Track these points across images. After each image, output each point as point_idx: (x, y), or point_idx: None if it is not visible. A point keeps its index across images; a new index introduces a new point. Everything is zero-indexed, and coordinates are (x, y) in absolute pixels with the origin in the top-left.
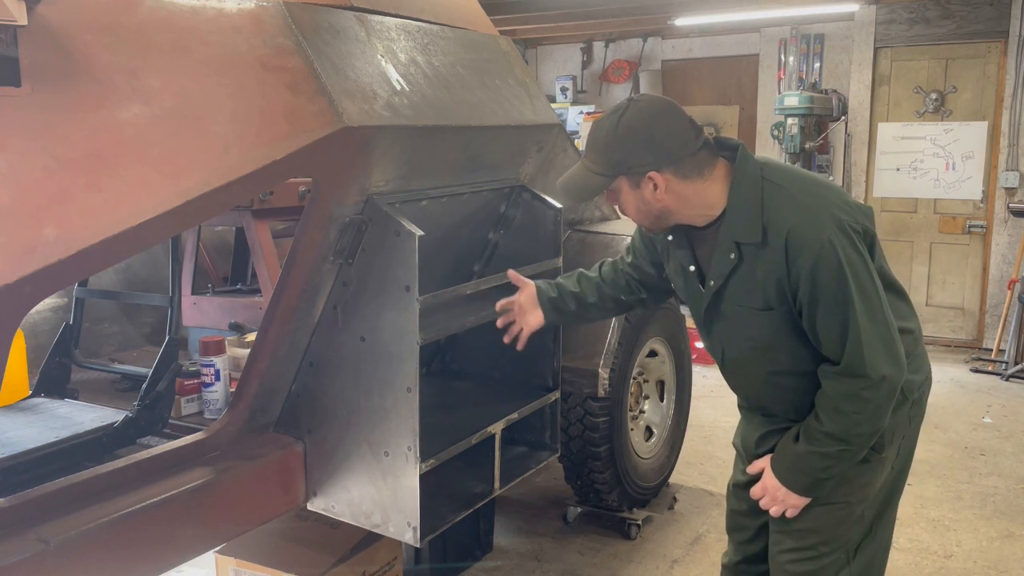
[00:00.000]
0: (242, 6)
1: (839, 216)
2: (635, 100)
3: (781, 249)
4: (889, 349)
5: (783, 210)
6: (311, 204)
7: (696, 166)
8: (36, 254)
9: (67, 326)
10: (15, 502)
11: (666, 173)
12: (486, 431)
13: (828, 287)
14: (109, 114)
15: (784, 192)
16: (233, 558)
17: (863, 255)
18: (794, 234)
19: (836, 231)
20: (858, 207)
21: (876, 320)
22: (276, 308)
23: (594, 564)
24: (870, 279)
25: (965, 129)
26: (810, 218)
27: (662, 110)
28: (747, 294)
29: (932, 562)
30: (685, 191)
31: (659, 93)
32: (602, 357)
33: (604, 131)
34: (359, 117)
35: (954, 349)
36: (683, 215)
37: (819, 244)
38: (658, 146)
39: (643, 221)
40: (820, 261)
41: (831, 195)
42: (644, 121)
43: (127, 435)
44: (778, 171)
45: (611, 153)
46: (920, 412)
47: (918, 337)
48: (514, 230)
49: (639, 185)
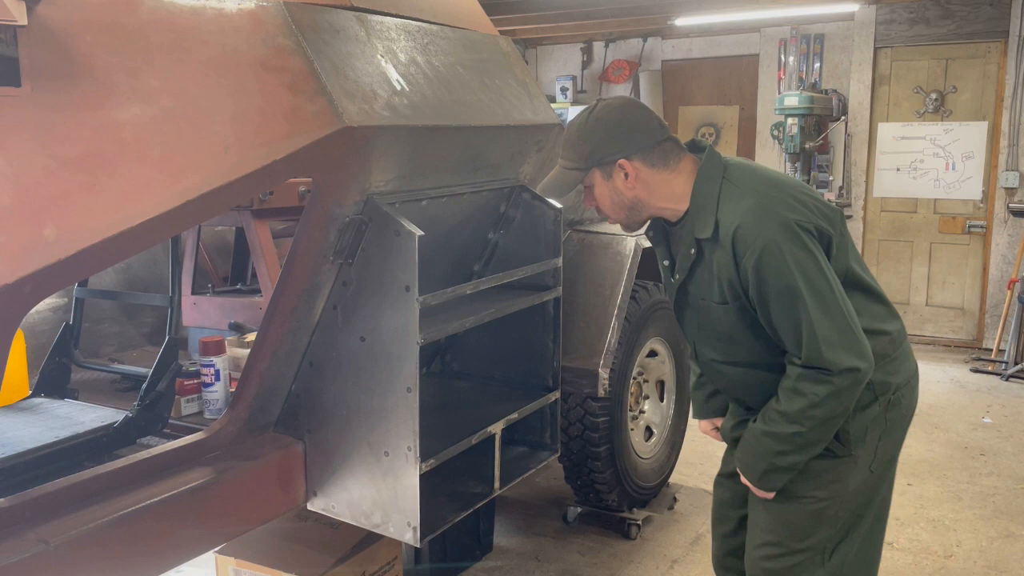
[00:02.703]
0: (242, 6)
1: (786, 215)
2: (602, 99)
3: (729, 247)
4: (848, 341)
5: (732, 209)
6: (311, 204)
7: (663, 156)
8: (36, 254)
9: (67, 326)
10: (15, 502)
11: (635, 160)
12: (486, 431)
13: (774, 284)
14: (109, 114)
15: (737, 191)
16: (233, 558)
17: (812, 252)
18: (739, 232)
19: (781, 229)
20: (815, 207)
21: (831, 314)
22: (276, 308)
23: (594, 564)
24: (820, 275)
25: (965, 129)
26: (755, 217)
27: (628, 104)
28: (707, 288)
29: (932, 562)
30: (653, 180)
31: (659, 93)
32: (602, 357)
33: (575, 128)
34: (359, 117)
35: (954, 349)
36: (653, 207)
37: (762, 242)
38: (625, 135)
39: (618, 214)
40: (764, 259)
41: (785, 195)
42: (611, 114)
43: (127, 435)
44: (739, 171)
45: (582, 146)
46: (899, 416)
47: (897, 339)
48: (514, 230)
49: (611, 175)
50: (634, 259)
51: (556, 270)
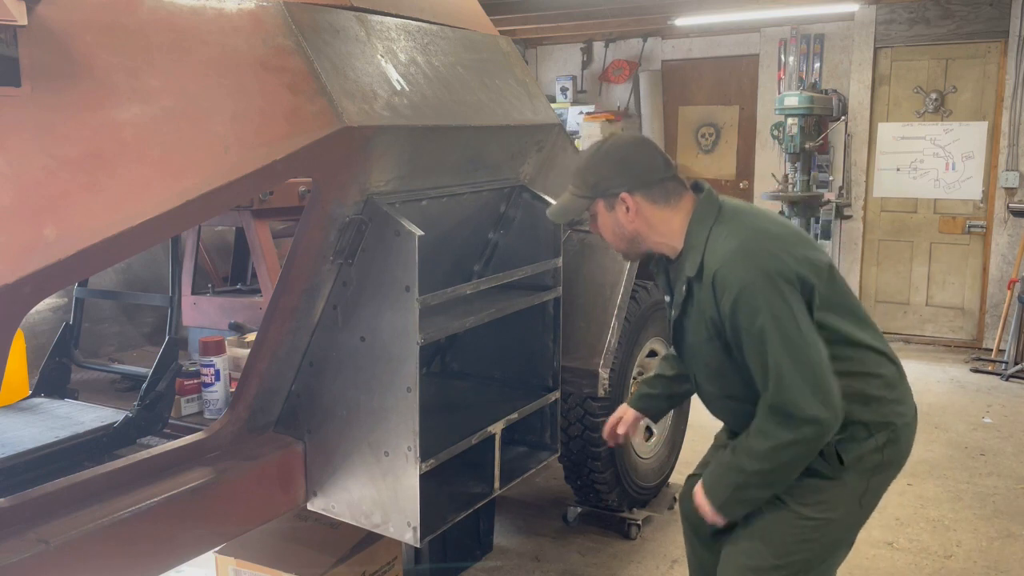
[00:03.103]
0: (242, 6)
1: (766, 263)
2: (614, 134)
3: (710, 287)
4: (813, 390)
5: (717, 252)
6: (311, 204)
7: (664, 193)
8: (36, 254)
9: (67, 326)
10: (15, 502)
11: (637, 195)
12: (486, 431)
13: (747, 326)
14: (109, 114)
15: (724, 234)
16: (233, 558)
17: (786, 299)
18: (719, 275)
19: (759, 276)
20: (801, 257)
21: (799, 361)
22: (276, 308)
23: (594, 564)
24: (792, 322)
25: (965, 129)
26: (736, 262)
27: (636, 141)
28: (696, 325)
29: (932, 562)
30: (653, 216)
31: (659, 93)
32: (602, 357)
33: (585, 158)
34: (359, 117)
35: (954, 349)
36: (652, 241)
37: (738, 287)
38: (630, 170)
39: (619, 245)
40: (739, 300)
41: (769, 244)
42: (619, 149)
43: (127, 435)
44: (733, 215)
45: (589, 176)
46: (895, 455)
47: (892, 381)
48: (514, 230)
49: (614, 207)
50: None
51: (556, 270)
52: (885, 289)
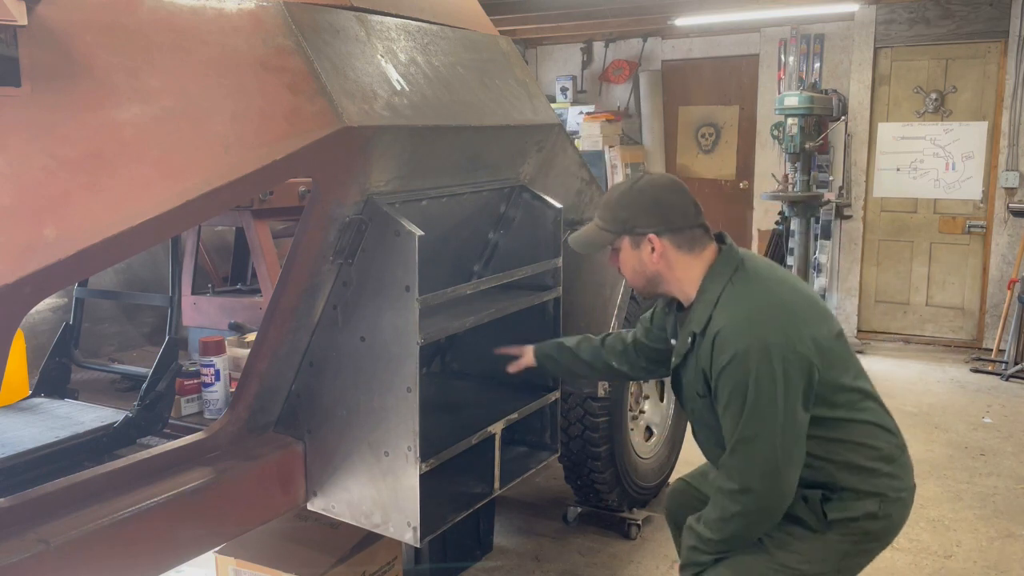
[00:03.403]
0: (242, 6)
1: (769, 337)
2: (649, 174)
3: (710, 343)
4: (765, 468)
5: (725, 312)
6: (311, 204)
7: (690, 241)
8: (36, 254)
9: (67, 326)
10: (15, 502)
11: (664, 238)
12: (486, 431)
13: (731, 391)
14: (109, 114)
15: (736, 296)
16: (233, 558)
17: (776, 378)
18: (721, 335)
19: (757, 346)
20: (809, 337)
21: (762, 438)
22: (276, 308)
23: (594, 564)
24: (774, 401)
25: (965, 129)
26: (740, 327)
27: (671, 184)
28: (693, 377)
29: (932, 562)
30: (676, 261)
31: (659, 93)
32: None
33: (618, 194)
34: (359, 117)
35: (954, 349)
36: (670, 285)
37: (734, 351)
38: (663, 212)
39: (636, 282)
40: (730, 365)
41: (780, 318)
42: (653, 190)
43: (127, 435)
44: (750, 276)
45: (620, 212)
46: (885, 528)
47: (889, 455)
48: (514, 230)
49: (639, 245)
50: None
51: (556, 270)
52: (885, 289)
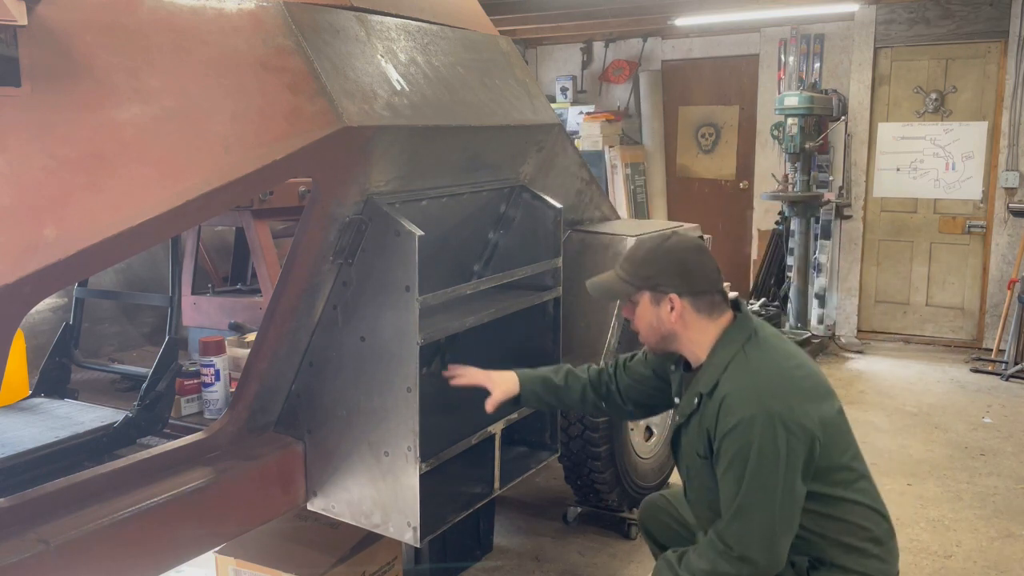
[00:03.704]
0: (242, 6)
1: (775, 408)
2: (678, 233)
3: (716, 408)
4: (763, 537)
5: (734, 378)
6: (311, 204)
7: (709, 305)
8: (36, 254)
9: (67, 326)
10: (15, 502)
11: (685, 299)
12: (486, 431)
13: (733, 456)
14: (109, 114)
15: (747, 366)
16: (233, 558)
17: (779, 449)
18: (728, 400)
19: (763, 415)
20: (814, 413)
21: (762, 506)
22: (276, 308)
23: (594, 564)
24: (775, 471)
25: (965, 129)
26: (748, 395)
27: (697, 248)
28: (695, 438)
29: (932, 562)
30: (693, 323)
31: (659, 93)
32: (602, 357)
33: (645, 249)
34: (359, 117)
35: (954, 349)
36: (683, 345)
37: (740, 417)
38: (687, 275)
39: (650, 338)
40: (735, 430)
41: (788, 391)
42: (681, 251)
43: (127, 435)
44: (761, 347)
45: (644, 268)
46: None
47: (880, 538)
48: (514, 230)
49: (659, 303)
50: None
51: (556, 270)
52: (885, 289)
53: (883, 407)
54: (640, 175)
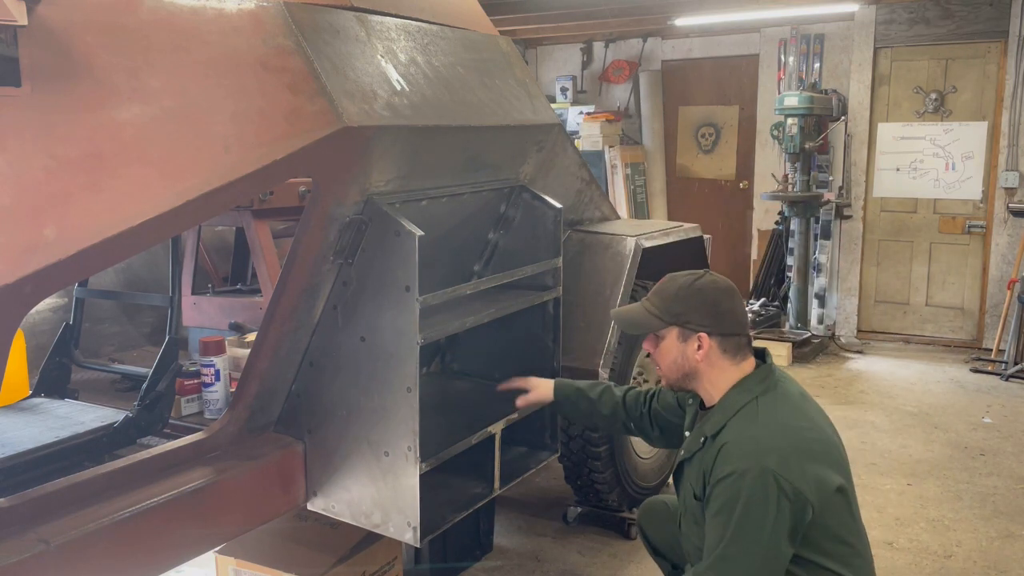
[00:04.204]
0: (242, 6)
1: (773, 466)
2: (711, 273)
3: (715, 452)
4: None
5: (738, 426)
6: (311, 204)
7: (735, 348)
8: (36, 254)
9: (67, 326)
10: (15, 502)
11: (714, 339)
12: (486, 431)
13: (722, 505)
14: (109, 114)
15: (755, 416)
16: (233, 558)
17: (768, 507)
18: (726, 448)
19: (758, 471)
20: (814, 477)
21: (741, 560)
22: (276, 308)
23: (594, 564)
24: (760, 527)
25: (965, 129)
26: (748, 447)
27: (729, 289)
28: (694, 476)
29: (932, 562)
30: (717, 364)
31: (659, 93)
32: (602, 357)
33: (678, 285)
34: (359, 117)
35: (954, 349)
36: (703, 385)
37: (733, 468)
38: (719, 315)
39: (671, 374)
40: (728, 480)
41: (791, 449)
42: (716, 291)
43: (127, 435)
44: (776, 401)
45: (675, 305)
46: None
47: None
48: (514, 230)
49: (686, 340)
50: (634, 259)
51: (556, 270)
52: (885, 289)
53: (883, 407)
54: (640, 175)
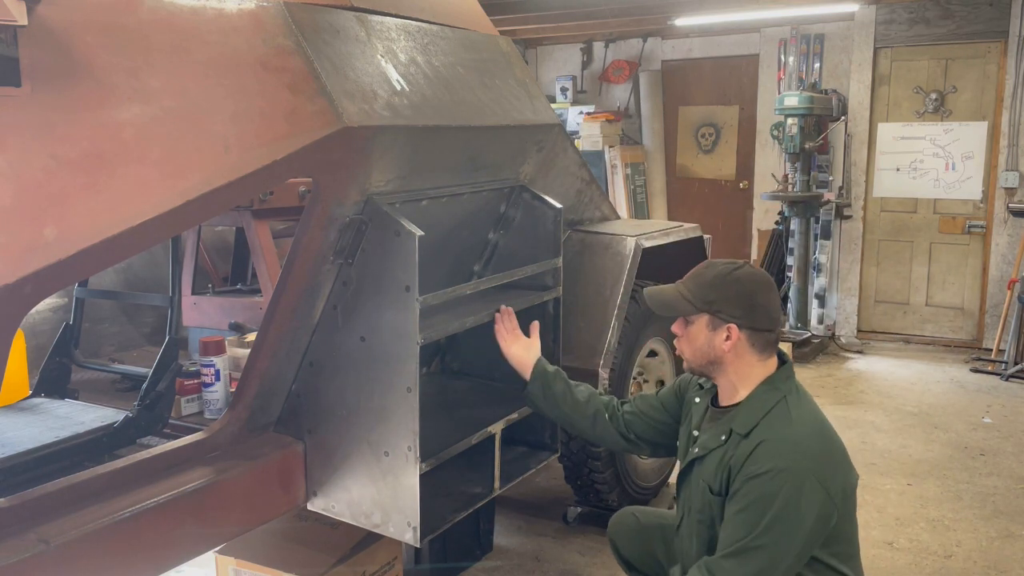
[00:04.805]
0: (242, 6)
1: (811, 467)
2: (749, 264)
3: (749, 449)
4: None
5: (776, 425)
6: (311, 204)
7: (764, 344)
8: (36, 254)
9: (67, 326)
10: (15, 502)
11: (744, 332)
12: (486, 431)
13: (755, 500)
14: (109, 114)
15: (791, 416)
16: (233, 558)
17: (803, 508)
18: (764, 446)
19: (797, 473)
20: (843, 483)
21: (767, 555)
22: (276, 308)
23: (594, 564)
24: (796, 528)
25: (965, 129)
26: (787, 447)
27: (767, 283)
28: (711, 474)
29: (932, 562)
30: (744, 356)
31: (659, 93)
32: (602, 357)
33: (715, 273)
34: (359, 117)
35: (954, 349)
36: (727, 375)
37: (773, 465)
38: (753, 309)
39: (695, 360)
40: (765, 477)
41: (823, 456)
42: (753, 283)
43: (127, 435)
44: (801, 404)
45: (710, 292)
46: None
47: None
48: (514, 230)
49: (716, 328)
50: (634, 259)
51: (556, 270)
52: (885, 289)
53: (883, 407)
54: (640, 175)
